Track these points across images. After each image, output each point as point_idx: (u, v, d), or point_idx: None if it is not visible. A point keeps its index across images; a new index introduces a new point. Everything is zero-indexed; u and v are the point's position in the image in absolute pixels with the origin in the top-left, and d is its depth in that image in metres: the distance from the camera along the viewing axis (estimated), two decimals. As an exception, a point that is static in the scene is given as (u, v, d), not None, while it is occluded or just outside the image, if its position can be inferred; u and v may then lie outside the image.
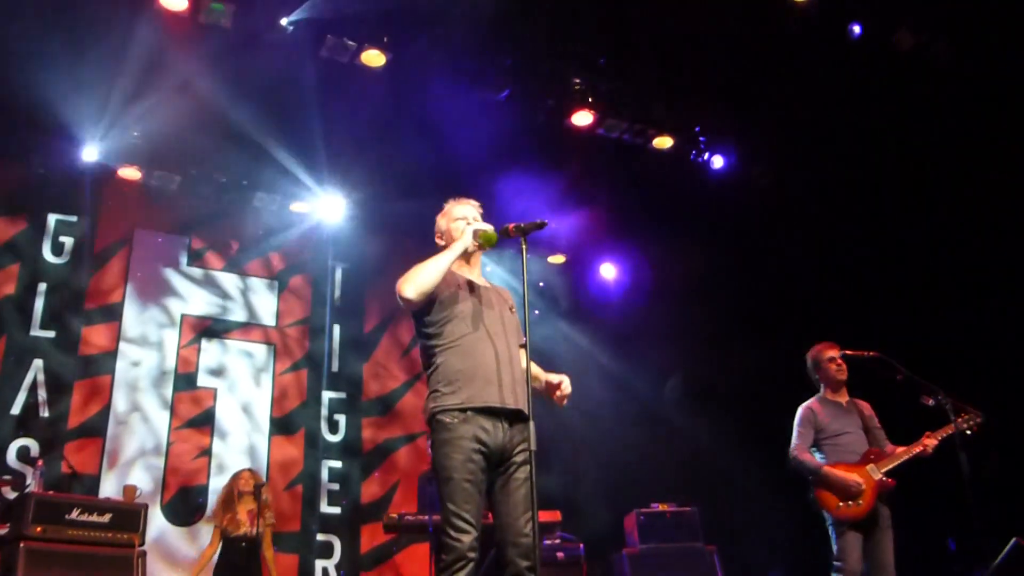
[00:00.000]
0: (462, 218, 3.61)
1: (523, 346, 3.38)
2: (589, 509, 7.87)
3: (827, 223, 7.62)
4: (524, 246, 3.37)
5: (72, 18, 6.37)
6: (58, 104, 7.09)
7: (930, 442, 4.88)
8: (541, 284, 8.94)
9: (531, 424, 3.15)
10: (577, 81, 7.56)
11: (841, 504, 4.81)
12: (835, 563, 4.78)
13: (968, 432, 4.79)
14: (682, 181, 8.20)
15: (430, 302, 3.42)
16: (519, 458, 3.30)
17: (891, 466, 4.88)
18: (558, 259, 9.41)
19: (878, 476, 4.85)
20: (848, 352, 5.15)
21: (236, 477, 6.89)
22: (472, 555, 3.12)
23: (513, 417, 3.32)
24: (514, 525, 3.22)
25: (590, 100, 7.59)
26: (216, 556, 6.60)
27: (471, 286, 3.54)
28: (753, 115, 7.54)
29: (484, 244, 3.52)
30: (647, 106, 7.81)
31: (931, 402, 4.82)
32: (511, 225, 3.50)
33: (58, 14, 6.33)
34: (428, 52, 7.01)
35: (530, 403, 3.21)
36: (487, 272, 3.51)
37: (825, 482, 4.87)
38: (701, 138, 8.03)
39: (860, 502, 4.79)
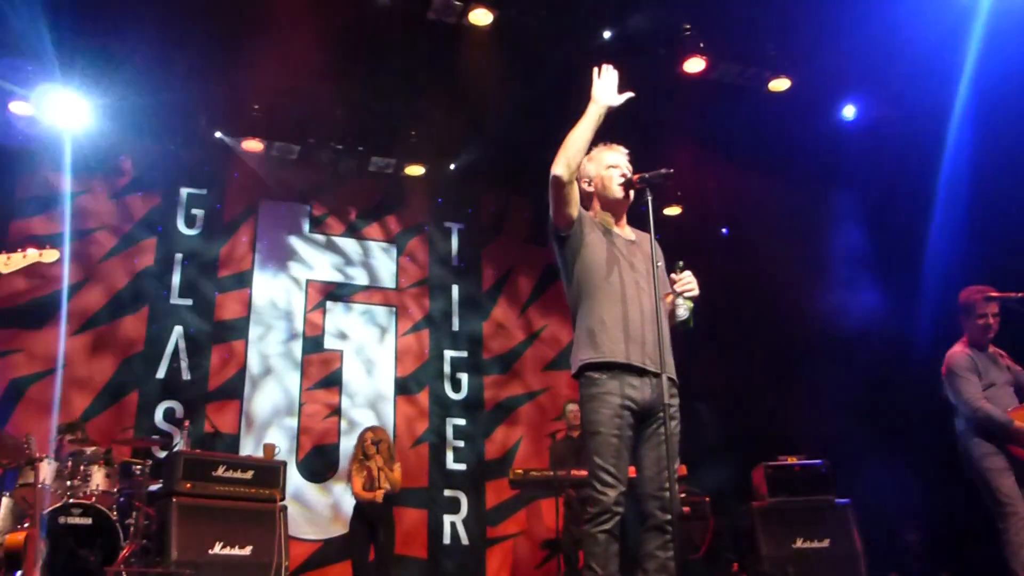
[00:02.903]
0: (615, 166, 3.54)
1: (669, 295, 3.34)
2: (713, 463, 7.78)
3: (961, 167, 7.18)
4: (650, 197, 3.29)
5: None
6: (183, 82, 7.39)
7: None
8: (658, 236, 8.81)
9: (663, 378, 3.12)
10: (687, 27, 7.32)
11: None
12: (1003, 507, 4.56)
13: None
14: (803, 125, 7.88)
15: (576, 247, 3.38)
16: (666, 409, 3.26)
17: None
18: (674, 210, 9.26)
19: None
20: (994, 294, 4.84)
21: (362, 436, 7.04)
22: (618, 509, 3.13)
23: (659, 374, 3.28)
24: (656, 479, 3.22)
25: (701, 45, 7.36)
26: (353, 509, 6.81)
27: (619, 240, 3.48)
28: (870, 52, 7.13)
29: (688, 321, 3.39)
30: (762, 47, 7.51)
31: None
32: (635, 176, 3.43)
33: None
34: (535, 7, 6.92)
35: (663, 358, 3.16)
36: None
37: (1016, 437, 4.61)
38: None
39: None
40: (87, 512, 5.59)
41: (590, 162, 3.56)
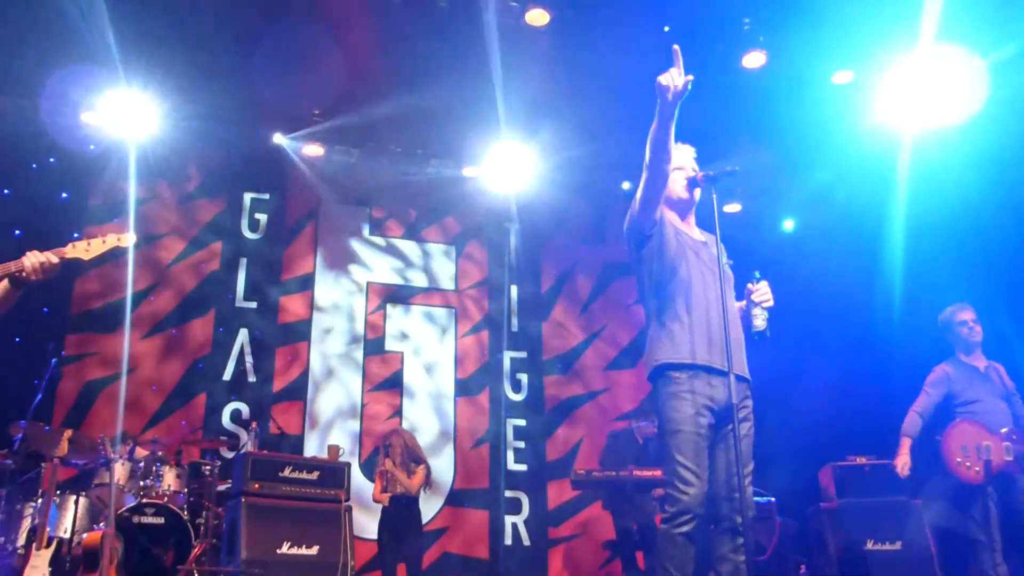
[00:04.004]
0: (680, 167, 3.53)
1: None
2: (779, 463, 7.65)
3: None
4: (715, 196, 3.28)
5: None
6: (245, 87, 7.54)
7: None
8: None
9: (731, 377, 3.09)
10: (747, 21, 7.22)
11: (959, 460, 4.95)
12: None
13: None
14: (869, 120, 7.70)
15: (657, 247, 3.37)
16: (742, 414, 3.28)
17: None
18: (734, 207, 9.15)
19: (1009, 457, 4.88)
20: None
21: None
22: (699, 511, 3.11)
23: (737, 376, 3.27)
24: (732, 480, 3.21)
25: (761, 40, 7.26)
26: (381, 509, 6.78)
27: (689, 240, 3.48)
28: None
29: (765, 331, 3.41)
30: (823, 40, 7.36)
31: None
32: (699, 174, 3.42)
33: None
34: (592, 6, 6.89)
35: (730, 358, 3.13)
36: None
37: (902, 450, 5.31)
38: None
39: (977, 470, 4.90)
40: (160, 512, 5.74)
41: None
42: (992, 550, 4.82)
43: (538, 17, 6.84)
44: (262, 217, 8.64)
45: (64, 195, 7.94)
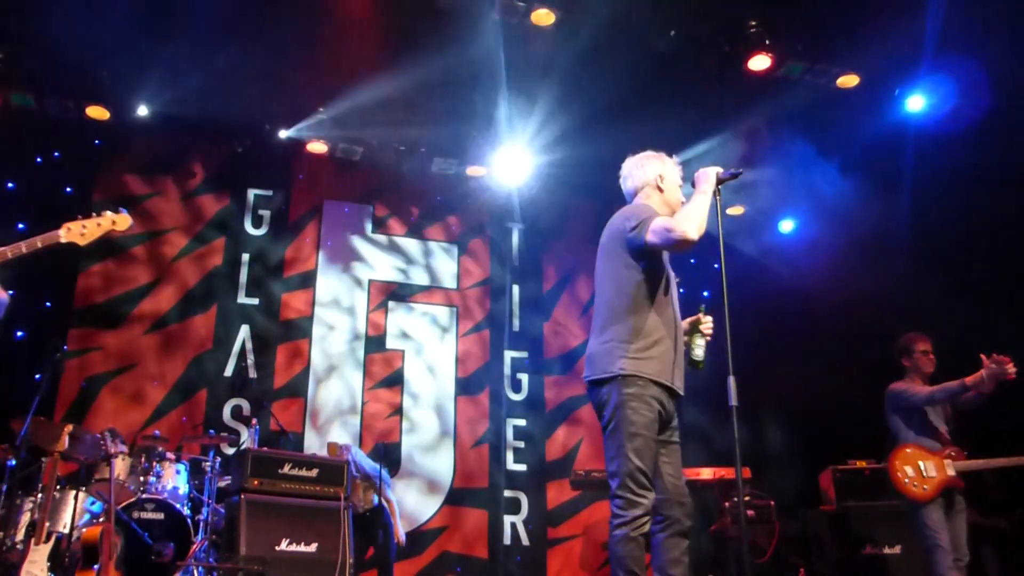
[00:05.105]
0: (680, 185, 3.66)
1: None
2: (779, 466, 7.65)
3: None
4: (719, 197, 3.30)
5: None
6: (250, 85, 7.54)
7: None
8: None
9: (731, 379, 3.11)
10: (753, 23, 7.21)
11: (907, 481, 5.03)
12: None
13: None
14: (874, 124, 7.70)
15: (655, 261, 3.41)
16: (675, 423, 3.44)
17: (967, 468, 5.02)
18: (737, 210, 9.13)
19: (951, 472, 4.99)
20: None
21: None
22: (651, 512, 3.25)
23: (677, 394, 3.44)
24: (678, 485, 3.36)
25: (767, 42, 7.24)
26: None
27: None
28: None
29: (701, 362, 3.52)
30: (830, 43, 7.36)
31: None
32: (703, 176, 3.43)
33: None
34: (596, 6, 6.88)
35: (730, 359, 3.15)
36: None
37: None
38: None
39: (925, 487, 4.99)
40: (159, 507, 5.75)
41: (661, 162, 3.61)
42: (947, 553, 4.87)
43: (543, 17, 6.83)
44: (265, 213, 8.65)
45: (68, 189, 7.96)
